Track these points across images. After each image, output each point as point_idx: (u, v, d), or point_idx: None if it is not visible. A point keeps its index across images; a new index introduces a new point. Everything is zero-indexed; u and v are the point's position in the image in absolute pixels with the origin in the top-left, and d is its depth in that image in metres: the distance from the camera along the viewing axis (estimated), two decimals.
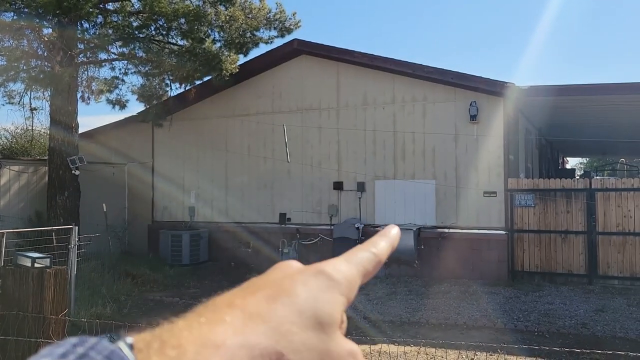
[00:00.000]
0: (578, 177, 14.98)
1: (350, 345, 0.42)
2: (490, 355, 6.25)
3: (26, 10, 10.16)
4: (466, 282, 10.66)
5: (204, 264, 13.05)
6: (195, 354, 0.34)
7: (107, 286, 9.69)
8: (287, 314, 0.39)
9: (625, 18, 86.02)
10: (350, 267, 0.45)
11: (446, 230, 11.27)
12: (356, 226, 11.67)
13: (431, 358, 6.28)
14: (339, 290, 0.43)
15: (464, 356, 6.25)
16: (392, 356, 6.06)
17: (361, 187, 12.07)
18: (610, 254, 10.49)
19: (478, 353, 6.33)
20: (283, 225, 12.78)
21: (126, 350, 0.34)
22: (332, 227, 12.11)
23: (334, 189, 12.35)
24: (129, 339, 0.36)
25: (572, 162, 41.24)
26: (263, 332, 0.37)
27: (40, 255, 6.90)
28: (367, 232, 11.63)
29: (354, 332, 7.28)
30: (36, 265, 6.28)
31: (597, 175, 25.00)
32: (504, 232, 10.98)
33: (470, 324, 8.04)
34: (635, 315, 8.35)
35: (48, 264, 6.46)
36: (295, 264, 0.46)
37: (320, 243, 12.20)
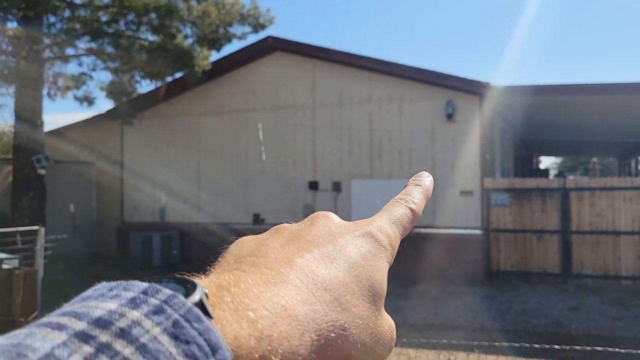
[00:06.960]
0: (553, 177, 15.15)
1: (390, 319, 0.38)
2: (468, 355, 6.20)
3: None
4: (443, 282, 10.61)
5: (175, 266, 12.72)
6: (271, 324, 0.29)
7: (75, 289, 9.34)
8: (346, 282, 0.34)
9: (603, 18, 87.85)
10: (394, 228, 0.42)
11: (423, 230, 11.21)
12: None
13: (411, 359, 6.17)
14: (386, 258, 0.39)
15: (442, 357, 6.16)
16: None
17: (337, 186, 11.91)
18: (584, 253, 10.57)
19: (455, 353, 6.26)
20: (257, 226, 12.55)
21: (203, 306, 0.27)
22: None
23: (310, 188, 12.16)
24: (202, 290, 0.28)
25: (545, 162, 41.89)
26: (328, 301, 0.32)
27: (8, 256, 6.59)
28: None
29: None
30: (4, 266, 5.99)
31: (570, 175, 25.40)
32: (480, 232, 10.97)
33: (447, 324, 8.00)
34: (608, 313, 8.46)
35: (17, 265, 6.17)
36: (335, 217, 0.41)
37: None
